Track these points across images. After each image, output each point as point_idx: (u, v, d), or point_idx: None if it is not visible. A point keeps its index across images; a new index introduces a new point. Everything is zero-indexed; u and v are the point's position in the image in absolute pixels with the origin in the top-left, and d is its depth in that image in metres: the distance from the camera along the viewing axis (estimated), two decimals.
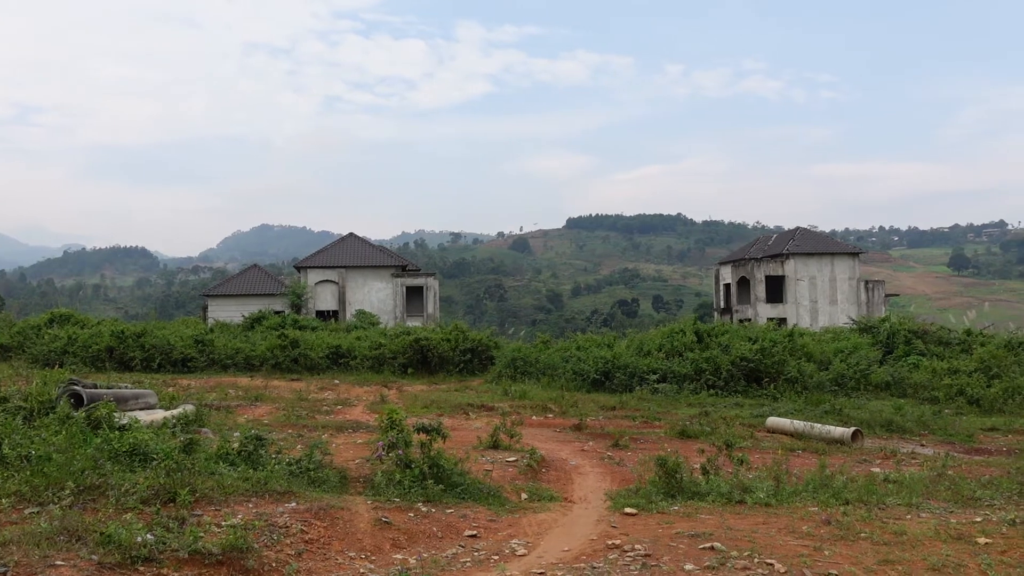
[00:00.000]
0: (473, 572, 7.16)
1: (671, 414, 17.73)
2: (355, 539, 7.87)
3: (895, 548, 7.64)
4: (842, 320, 46.44)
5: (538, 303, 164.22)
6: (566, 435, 15.14)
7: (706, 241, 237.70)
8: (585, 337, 28.93)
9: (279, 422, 15.80)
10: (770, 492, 9.71)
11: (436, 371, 27.68)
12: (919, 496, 9.77)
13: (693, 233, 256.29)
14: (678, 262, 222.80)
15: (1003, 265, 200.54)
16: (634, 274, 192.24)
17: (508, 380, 23.89)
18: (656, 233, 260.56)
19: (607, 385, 22.41)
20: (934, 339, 26.89)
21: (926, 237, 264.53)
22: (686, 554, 7.51)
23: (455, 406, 18.95)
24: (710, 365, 22.13)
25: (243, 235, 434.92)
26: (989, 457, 13.44)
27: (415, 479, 9.57)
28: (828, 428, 14.98)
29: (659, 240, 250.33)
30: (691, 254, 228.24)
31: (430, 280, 57.58)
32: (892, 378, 22.11)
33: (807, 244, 61.14)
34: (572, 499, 10.18)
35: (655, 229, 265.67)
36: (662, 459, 10.17)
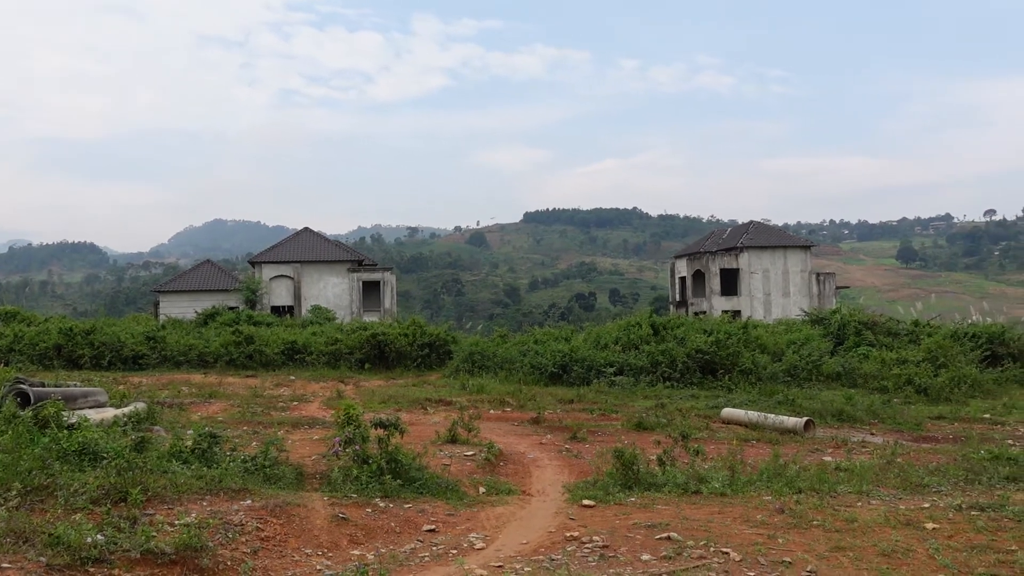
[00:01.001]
0: (431, 566, 7.14)
1: (628, 406, 17.86)
2: (311, 536, 7.80)
3: (846, 535, 7.79)
4: (794, 312, 47.19)
5: (496, 297, 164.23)
6: (524, 428, 15.16)
7: (662, 235, 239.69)
8: (543, 331, 29.02)
9: (234, 419, 15.58)
10: (725, 482, 9.84)
11: (393, 366, 27.54)
12: (869, 484, 9.97)
13: (649, 227, 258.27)
14: (634, 256, 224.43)
15: (949, 257, 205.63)
16: (591, 268, 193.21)
17: (466, 374, 23.85)
18: (613, 227, 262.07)
19: (565, 378, 22.50)
20: (883, 330, 27.44)
21: (875, 230, 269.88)
22: (643, 544, 7.57)
23: (413, 401, 18.86)
24: (666, 358, 22.33)
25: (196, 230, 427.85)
26: (936, 445, 13.77)
27: (372, 475, 9.50)
28: (781, 418, 15.22)
29: (616, 234, 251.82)
30: (647, 248, 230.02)
31: (387, 275, 57.26)
32: (843, 368, 22.53)
33: (760, 237, 62.03)
34: (530, 492, 10.21)
35: (612, 223, 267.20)
36: (619, 451, 10.24)
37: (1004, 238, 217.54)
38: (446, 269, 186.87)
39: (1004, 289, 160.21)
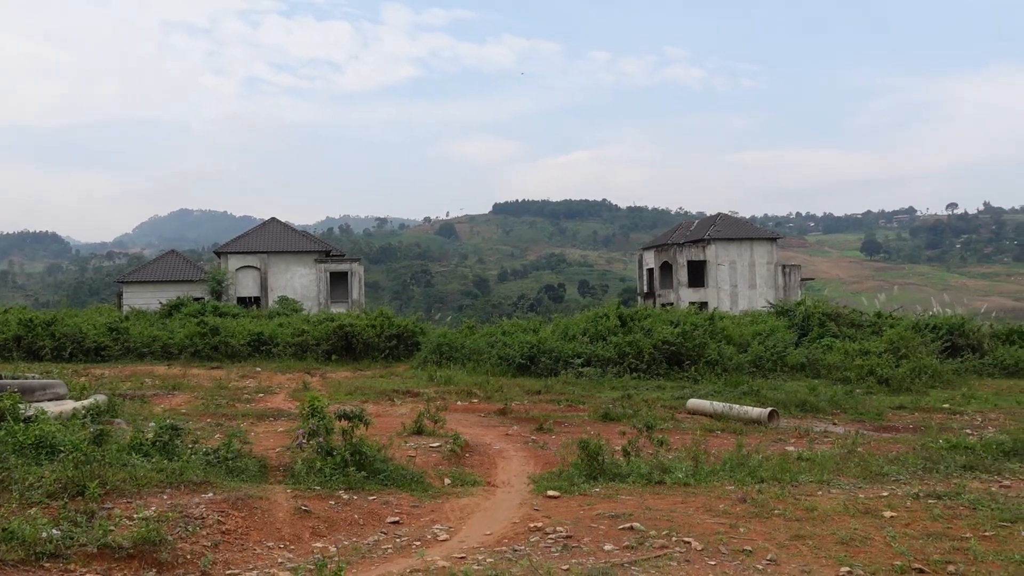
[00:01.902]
0: (394, 558, 7.12)
1: (595, 397, 17.93)
2: (274, 529, 7.74)
3: (806, 524, 7.89)
4: (760, 304, 47.65)
5: (465, 288, 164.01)
6: (491, 420, 15.17)
7: (631, 227, 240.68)
8: (511, 322, 29.02)
9: (197, 411, 15.42)
10: (689, 472, 9.91)
11: (361, 357, 27.40)
12: (830, 473, 10.10)
13: (618, 219, 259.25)
14: (603, 247, 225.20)
15: (912, 250, 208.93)
16: (560, 259, 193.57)
17: (434, 366, 23.80)
18: (582, 219, 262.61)
19: (532, 369, 22.53)
20: (847, 321, 27.81)
21: (840, 223, 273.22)
22: (606, 534, 7.61)
23: (380, 392, 18.79)
24: (633, 349, 22.44)
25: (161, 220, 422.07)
26: (897, 434, 13.98)
27: (336, 466, 9.45)
28: (746, 409, 15.36)
29: (585, 225, 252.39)
30: (616, 239, 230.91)
31: (355, 266, 56.91)
32: (807, 359, 22.80)
33: (727, 230, 62.51)
34: (495, 483, 10.21)
35: (581, 215, 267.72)
36: (584, 442, 10.27)
37: (965, 231, 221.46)
38: (415, 260, 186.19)
39: (965, 281, 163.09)
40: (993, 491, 9.23)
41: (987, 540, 7.35)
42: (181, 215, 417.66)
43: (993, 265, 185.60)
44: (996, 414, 16.37)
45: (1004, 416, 15.99)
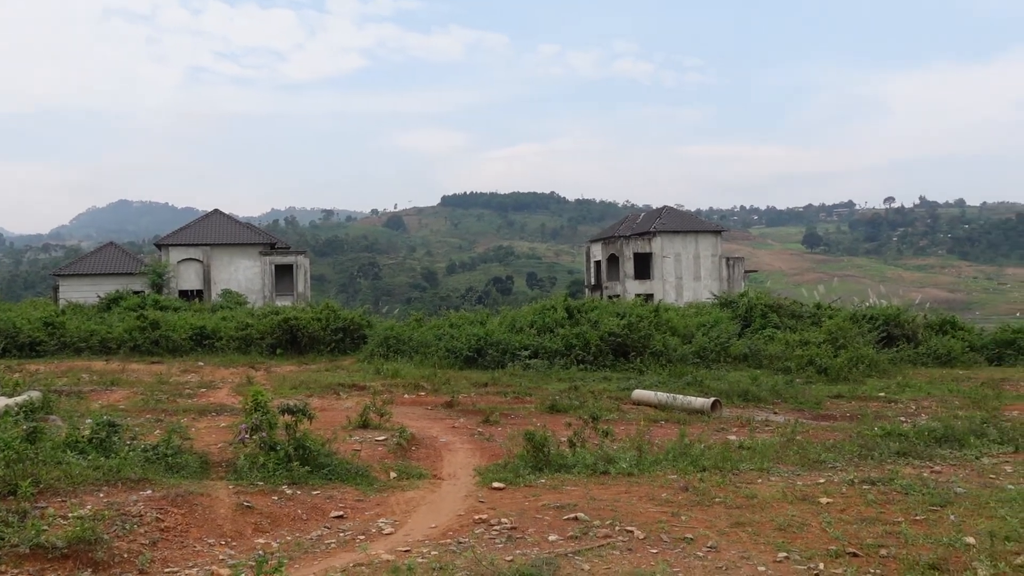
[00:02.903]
0: (338, 553, 7.07)
1: (542, 389, 18.02)
2: (215, 525, 7.63)
3: (746, 511, 8.05)
4: (705, 295, 48.38)
5: (413, 281, 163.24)
6: (438, 412, 15.15)
7: (579, 219, 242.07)
8: (458, 315, 28.99)
9: (136, 407, 15.10)
10: (633, 462, 10.03)
11: (306, 351, 27.10)
12: (770, 461, 10.31)
13: (566, 211, 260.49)
14: (552, 240, 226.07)
15: (851, 243, 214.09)
16: (509, 252, 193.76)
17: (380, 359, 23.67)
18: (530, 211, 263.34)
19: (480, 362, 22.54)
20: (788, 313, 28.37)
21: (782, 216, 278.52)
22: (551, 525, 7.67)
23: (325, 386, 18.62)
24: (580, 340, 22.60)
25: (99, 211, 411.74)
26: (834, 423, 14.32)
27: (280, 461, 9.35)
28: (690, 399, 15.59)
29: (533, 218, 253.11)
30: (564, 232, 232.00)
31: (300, 258, 56.21)
32: (749, 350, 23.21)
33: (673, 222, 63.24)
34: (441, 476, 10.20)
35: (529, 207, 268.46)
36: (530, 433, 10.32)
37: (902, 224, 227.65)
38: (362, 252, 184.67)
39: (901, 273, 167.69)
40: (924, 476, 9.53)
41: (918, 524, 7.59)
42: (120, 206, 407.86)
43: (928, 257, 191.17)
44: (929, 402, 16.88)
45: (936, 404, 16.49)
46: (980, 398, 16.82)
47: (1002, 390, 18.48)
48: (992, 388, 18.62)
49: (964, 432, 11.84)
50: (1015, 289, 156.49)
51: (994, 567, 6.32)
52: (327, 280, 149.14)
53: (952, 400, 16.98)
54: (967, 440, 11.52)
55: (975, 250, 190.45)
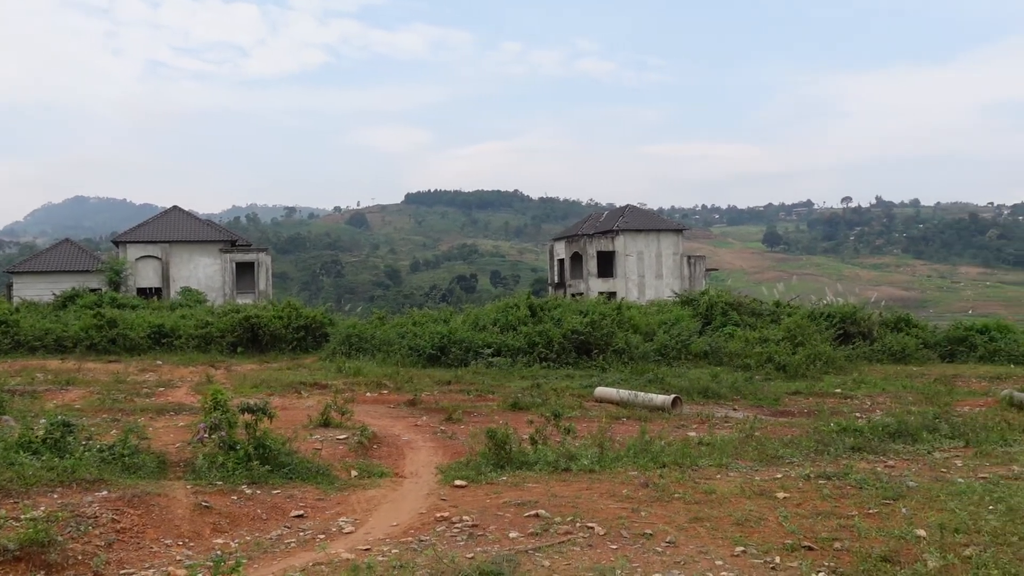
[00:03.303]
0: (297, 552, 7.04)
1: (504, 387, 18.05)
2: (172, 526, 7.54)
3: (705, 506, 8.15)
4: (667, 293, 48.76)
5: (376, 279, 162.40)
6: (400, 411, 15.11)
7: (542, 217, 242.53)
8: (421, 313, 28.91)
9: (93, 407, 14.85)
10: (594, 459, 10.10)
11: (268, 349, 26.84)
12: (729, 457, 10.45)
13: (530, 209, 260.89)
14: (515, 238, 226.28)
15: (810, 241, 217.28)
16: (472, 250, 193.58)
17: (343, 357, 23.52)
18: (494, 209, 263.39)
19: (443, 360, 22.51)
20: (747, 310, 28.71)
21: (743, 215, 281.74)
22: (512, 522, 7.70)
23: (287, 385, 18.47)
24: (543, 338, 22.67)
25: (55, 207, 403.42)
26: (792, 418, 14.55)
27: (239, 461, 9.27)
28: (651, 396, 15.73)
29: (497, 216, 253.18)
30: (528, 230, 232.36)
31: (262, 256, 55.63)
32: (710, 347, 23.47)
33: (636, 221, 63.66)
34: (403, 474, 10.19)
35: (493, 205, 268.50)
36: (492, 431, 10.34)
37: (859, 224, 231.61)
38: (325, 250, 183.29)
39: (858, 271, 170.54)
40: (878, 471, 9.73)
41: (871, 517, 7.75)
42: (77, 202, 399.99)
43: (884, 256, 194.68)
44: (883, 398, 17.21)
45: (890, 399, 16.82)
46: (933, 394, 17.19)
47: (954, 386, 18.91)
48: (944, 384, 19.05)
49: (917, 427, 12.10)
50: (967, 287, 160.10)
51: (943, 559, 6.48)
52: (289, 278, 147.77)
53: (906, 396, 17.33)
54: (920, 435, 11.77)
55: (929, 249, 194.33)
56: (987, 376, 21.13)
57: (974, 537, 7.08)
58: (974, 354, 25.72)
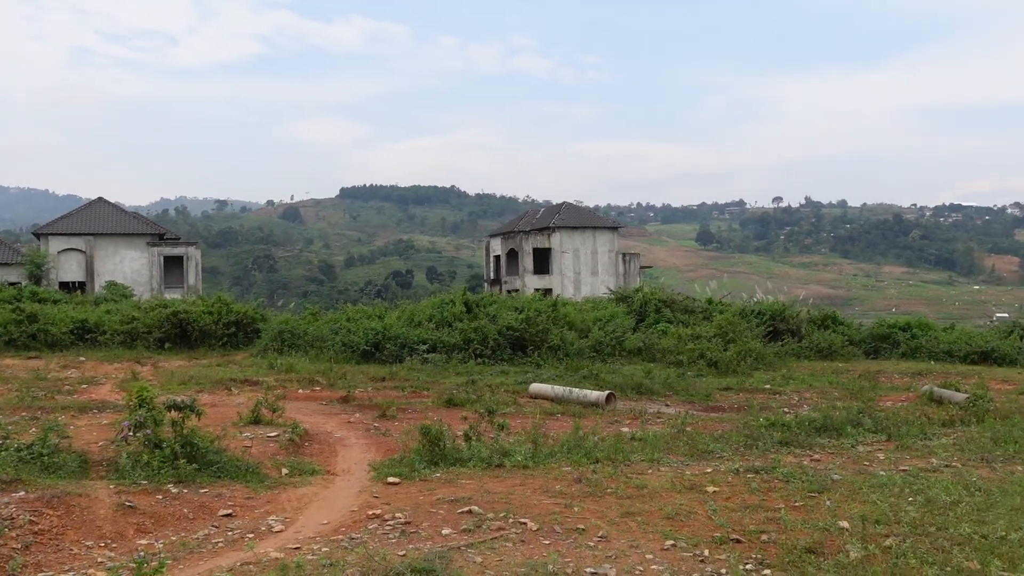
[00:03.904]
0: (225, 552, 6.88)
1: (439, 383, 17.98)
2: (94, 527, 7.31)
3: (636, 500, 8.24)
4: (602, 290, 49.19)
5: (310, 274, 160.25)
6: (333, 408, 14.93)
7: (479, 214, 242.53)
8: (356, 308, 28.57)
9: (11, 404, 14.29)
10: (528, 455, 10.12)
11: (197, 346, 26.23)
12: (661, 452, 10.59)
13: (467, 205, 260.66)
14: (452, 234, 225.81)
15: (742, 240, 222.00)
16: (409, 245, 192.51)
17: (275, 353, 23.10)
18: (431, 205, 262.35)
19: (377, 356, 22.31)
20: (681, 308, 29.14)
21: (677, 214, 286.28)
22: (445, 519, 7.67)
23: (216, 382, 18.08)
24: (478, 335, 22.65)
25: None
26: (723, 414, 14.83)
27: (165, 459, 9.03)
28: (585, 392, 15.85)
29: (434, 212, 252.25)
30: (465, 226, 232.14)
31: (191, 249, 54.39)
32: (644, 344, 23.75)
33: (572, 218, 64.12)
34: (335, 472, 10.06)
35: (430, 201, 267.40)
36: (426, 428, 10.28)
37: (789, 223, 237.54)
38: (257, 244, 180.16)
39: (787, 270, 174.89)
40: (804, 465, 9.97)
41: (796, 510, 7.93)
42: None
43: (812, 255, 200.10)
44: (810, 393, 17.67)
45: (817, 395, 17.29)
46: (857, 389, 17.71)
47: (877, 382, 19.52)
48: (868, 380, 19.64)
49: (842, 422, 12.44)
50: (891, 286, 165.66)
51: (865, 549, 6.67)
52: (220, 272, 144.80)
53: (832, 391, 17.81)
54: (844, 429, 12.12)
55: (855, 249, 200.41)
56: (909, 372, 21.87)
57: (894, 528, 7.31)
58: (897, 351, 26.58)
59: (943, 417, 13.63)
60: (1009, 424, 12.59)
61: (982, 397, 14.28)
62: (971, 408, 13.85)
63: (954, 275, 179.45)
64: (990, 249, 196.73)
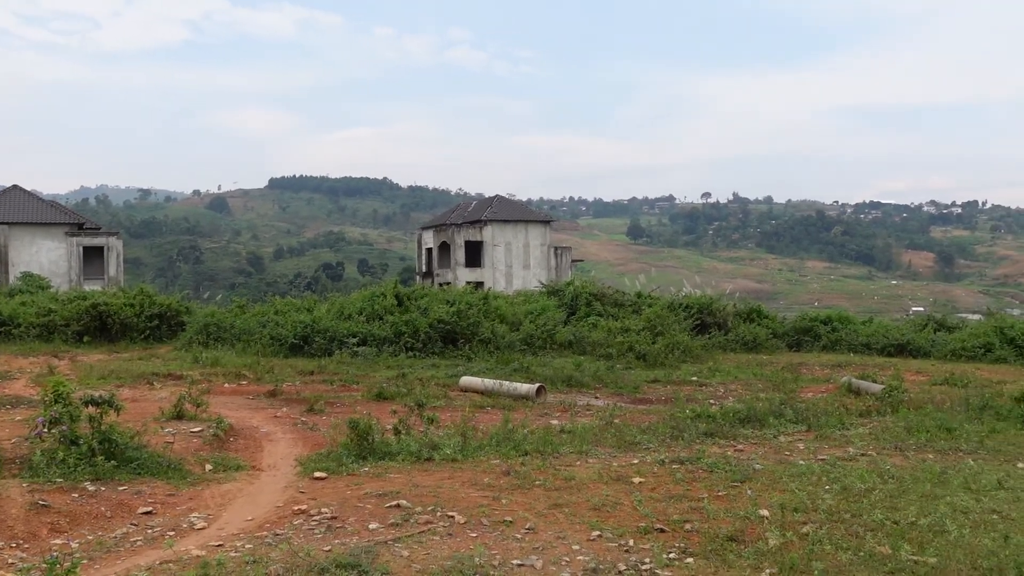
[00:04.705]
0: (144, 551, 6.70)
1: (369, 377, 17.83)
2: (4, 527, 7.04)
3: (564, 492, 8.31)
4: (533, 284, 49.44)
5: (238, 266, 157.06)
6: (260, 402, 14.67)
7: (412, 206, 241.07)
8: (284, 301, 28.15)
9: None
10: (457, 448, 10.12)
11: (118, 339, 25.48)
12: (589, 444, 10.70)
13: (399, 198, 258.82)
14: (384, 226, 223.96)
15: (671, 235, 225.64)
16: (340, 237, 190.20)
17: (200, 347, 22.60)
18: (363, 196, 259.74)
19: (306, 350, 22.01)
20: (611, 301, 29.49)
21: (609, 208, 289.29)
22: (372, 513, 7.61)
23: (138, 376, 17.59)
24: (409, 328, 22.53)
25: None
26: (650, 406, 15.05)
27: (82, 456, 8.76)
28: (515, 385, 15.91)
29: (366, 204, 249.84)
30: (397, 218, 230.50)
31: (112, 240, 52.74)
32: (574, 337, 23.95)
33: (504, 211, 64.22)
34: (261, 467, 9.89)
35: (362, 192, 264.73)
36: (354, 421, 10.19)
37: (717, 219, 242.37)
38: (183, 235, 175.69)
39: (715, 264, 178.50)
40: (728, 455, 10.20)
41: (719, 499, 8.11)
42: None
43: (739, 250, 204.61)
44: (736, 385, 18.07)
45: (742, 387, 17.68)
46: (780, 381, 18.17)
47: (799, 373, 20.06)
48: (791, 372, 20.18)
49: (764, 413, 12.77)
50: (814, 280, 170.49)
51: (783, 536, 6.86)
52: (143, 264, 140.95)
53: (756, 383, 18.24)
54: (767, 420, 12.44)
55: (780, 244, 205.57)
56: (829, 364, 22.55)
57: (811, 515, 7.54)
58: (818, 343, 27.37)
59: (860, 408, 14.09)
60: (922, 414, 13.09)
61: (897, 388, 14.82)
62: (887, 399, 14.35)
63: (873, 270, 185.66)
64: (907, 245, 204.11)
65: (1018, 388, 15.21)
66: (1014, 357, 23.61)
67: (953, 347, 24.97)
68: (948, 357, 24.41)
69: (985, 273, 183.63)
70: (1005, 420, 12.75)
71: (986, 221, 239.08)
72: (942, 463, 9.86)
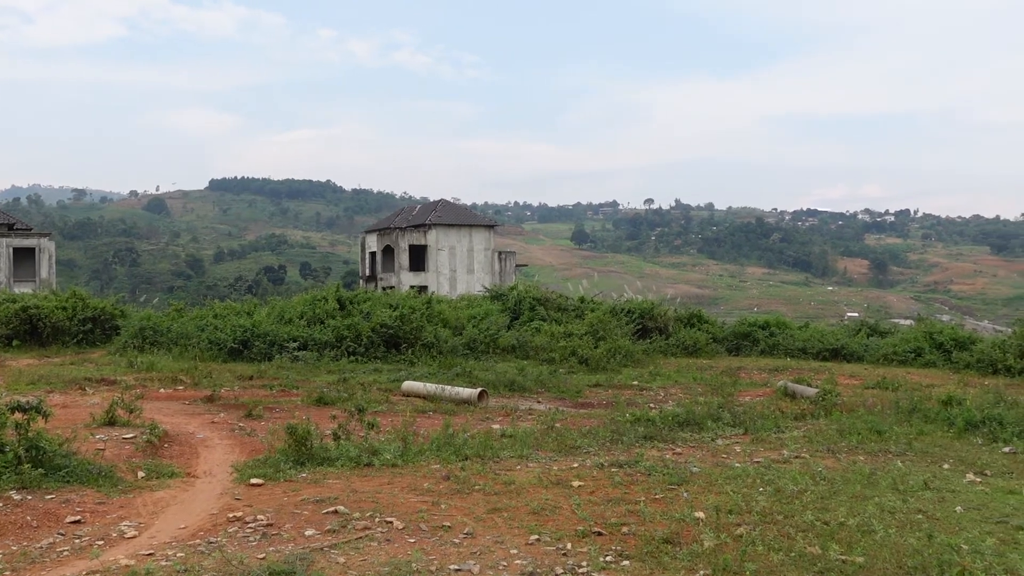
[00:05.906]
0: (71, 561, 6.51)
1: (310, 382, 17.63)
2: None
3: (504, 497, 8.33)
4: (477, 288, 49.40)
5: (177, 269, 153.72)
6: (196, 407, 14.39)
7: (355, 209, 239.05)
8: (223, 304, 27.63)
9: None
10: (397, 453, 10.06)
11: (49, 343, 24.76)
12: (530, 448, 10.73)
13: (343, 201, 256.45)
14: (327, 229, 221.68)
15: (615, 240, 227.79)
16: (282, 240, 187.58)
17: (135, 351, 22.07)
18: (305, 199, 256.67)
19: (246, 354, 21.66)
20: (554, 306, 29.63)
21: (553, 213, 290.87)
22: (309, 520, 7.52)
23: (69, 381, 17.12)
24: (351, 332, 22.34)
25: None
26: (592, 410, 15.17)
27: (7, 464, 8.50)
28: (458, 390, 15.89)
29: (308, 207, 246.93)
30: (340, 222, 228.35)
31: (44, 241, 51.23)
32: (517, 341, 24.00)
33: (448, 216, 64.10)
34: (196, 474, 9.70)
35: (304, 195, 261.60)
36: (292, 427, 10.06)
37: (659, 224, 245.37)
38: (119, 237, 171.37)
39: (658, 270, 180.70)
40: (667, 458, 10.33)
41: (656, 502, 8.21)
42: None
43: (681, 256, 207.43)
44: (676, 389, 18.31)
45: (682, 391, 17.93)
46: (719, 385, 18.42)
47: (738, 378, 20.42)
48: (729, 376, 20.51)
49: (703, 416, 12.97)
50: (753, 286, 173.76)
51: (718, 538, 6.98)
52: (77, 266, 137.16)
53: (695, 387, 18.50)
54: (705, 424, 12.63)
55: (721, 250, 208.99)
56: (766, 368, 23.00)
57: (746, 517, 7.67)
58: (756, 348, 27.90)
59: (795, 411, 14.40)
60: (854, 417, 13.43)
61: (831, 392, 15.16)
62: (821, 402, 14.67)
63: (810, 276, 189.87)
64: (843, 252, 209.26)
65: (945, 392, 15.71)
66: (942, 361, 24.36)
67: (885, 352, 25.66)
68: (880, 361, 25.09)
69: (917, 280, 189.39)
70: (932, 423, 13.15)
71: (917, 229, 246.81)
72: (872, 465, 10.13)
